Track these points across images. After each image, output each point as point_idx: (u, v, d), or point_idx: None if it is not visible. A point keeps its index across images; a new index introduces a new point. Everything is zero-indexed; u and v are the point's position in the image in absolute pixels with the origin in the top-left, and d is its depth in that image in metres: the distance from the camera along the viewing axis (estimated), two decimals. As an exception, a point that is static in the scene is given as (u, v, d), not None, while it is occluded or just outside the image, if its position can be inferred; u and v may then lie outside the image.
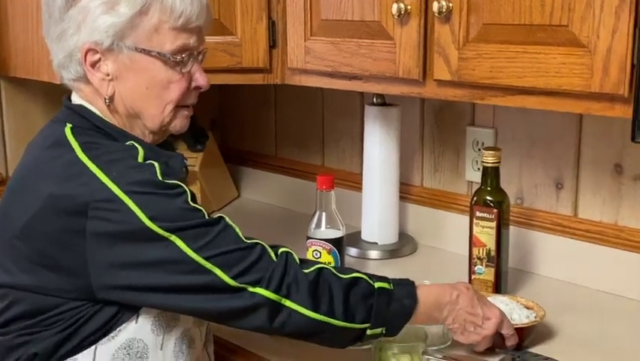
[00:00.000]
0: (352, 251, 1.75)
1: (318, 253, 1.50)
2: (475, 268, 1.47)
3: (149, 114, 1.17)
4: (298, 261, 1.12)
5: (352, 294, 1.11)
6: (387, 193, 1.77)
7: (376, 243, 1.78)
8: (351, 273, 1.14)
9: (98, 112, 1.17)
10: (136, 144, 1.12)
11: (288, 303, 1.08)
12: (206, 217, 1.09)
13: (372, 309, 1.12)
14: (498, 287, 1.46)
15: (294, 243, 1.64)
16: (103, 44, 1.11)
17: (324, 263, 1.15)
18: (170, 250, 1.05)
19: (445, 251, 1.75)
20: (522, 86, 1.21)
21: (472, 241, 1.47)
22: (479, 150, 1.66)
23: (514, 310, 1.31)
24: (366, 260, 1.74)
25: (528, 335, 1.30)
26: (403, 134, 1.77)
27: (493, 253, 1.44)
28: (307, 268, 1.11)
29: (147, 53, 1.13)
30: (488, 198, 1.45)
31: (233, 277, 1.07)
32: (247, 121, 2.23)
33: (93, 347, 1.10)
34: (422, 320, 1.18)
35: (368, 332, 1.13)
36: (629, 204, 1.49)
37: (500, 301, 1.33)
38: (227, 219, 1.12)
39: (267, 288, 1.08)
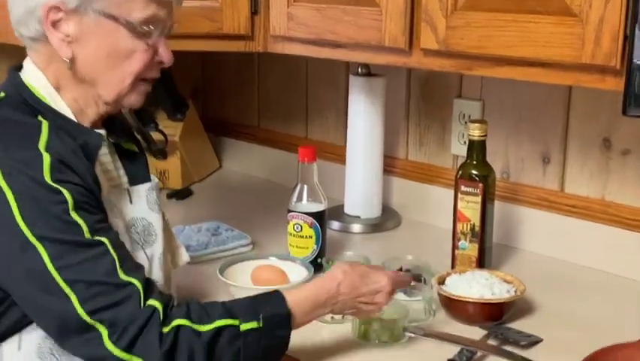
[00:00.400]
0: (335, 225, 1.73)
1: (299, 227, 1.47)
2: (459, 244, 1.44)
3: (106, 83, 1.10)
4: (162, 317, 0.99)
5: (216, 347, 1.01)
6: (371, 166, 1.74)
7: (359, 217, 1.75)
8: (215, 321, 1.02)
9: (37, 85, 1.10)
10: (43, 121, 1.04)
11: None
12: (85, 236, 0.99)
13: (240, 353, 1.02)
14: (481, 262, 1.44)
15: (275, 216, 1.64)
16: (69, 4, 1.05)
17: (184, 317, 1.01)
18: (31, 258, 0.97)
19: (429, 226, 1.73)
20: (511, 56, 1.18)
21: (456, 216, 1.44)
22: (465, 123, 1.63)
23: (495, 285, 1.30)
24: (348, 234, 1.71)
25: (508, 310, 1.28)
26: (388, 106, 1.74)
27: (477, 228, 1.42)
28: (167, 326, 0.99)
29: (114, 19, 1.07)
30: (474, 172, 1.42)
31: (88, 312, 0.97)
32: (229, 90, 2.19)
33: (17, 335, 1.05)
34: (307, 323, 1.11)
35: None
36: (616, 179, 1.47)
37: (480, 276, 1.32)
38: (108, 245, 1.01)
39: (116, 344, 0.97)
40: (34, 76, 1.10)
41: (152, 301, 1.01)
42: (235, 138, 2.18)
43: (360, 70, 1.71)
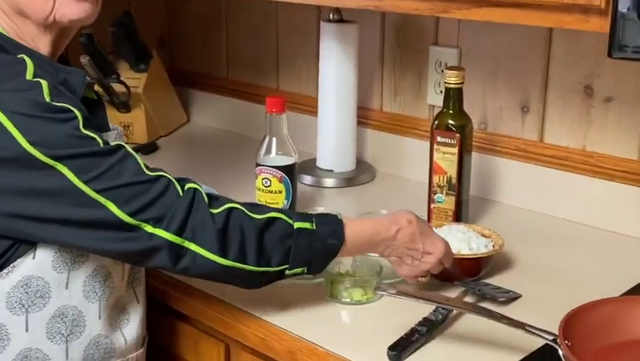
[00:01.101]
0: (307, 179, 1.68)
1: (268, 182, 1.40)
2: (435, 197, 1.39)
3: (28, 5, 1.04)
4: (207, 199, 1.02)
5: (267, 236, 1.02)
6: (343, 118, 1.69)
7: (332, 170, 1.70)
8: (268, 212, 1.04)
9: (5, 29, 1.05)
10: (26, 58, 1.00)
11: (192, 246, 0.99)
12: (101, 146, 0.98)
13: (291, 251, 1.03)
14: (458, 216, 1.39)
15: (244, 171, 1.57)
16: None
17: (237, 202, 1.04)
18: (55, 180, 0.95)
19: (404, 179, 1.68)
20: (489, -3, 1.11)
21: (432, 168, 1.39)
22: (442, 71, 1.57)
23: (472, 239, 1.25)
24: (321, 189, 1.67)
25: (485, 265, 1.23)
26: (362, 54, 1.67)
27: (454, 181, 1.37)
28: (216, 208, 1.01)
29: None
30: (450, 122, 1.36)
31: (130, 214, 0.97)
32: (196, 41, 2.11)
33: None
34: (354, 254, 1.12)
35: (287, 272, 1.05)
36: (598, 128, 1.43)
37: (457, 230, 1.27)
38: (127, 148, 1.01)
39: (167, 229, 0.98)
40: None
41: (190, 185, 1.02)
42: (203, 90, 2.11)
43: (331, 16, 1.64)
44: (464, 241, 1.24)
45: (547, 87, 1.47)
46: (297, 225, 1.04)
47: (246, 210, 1.03)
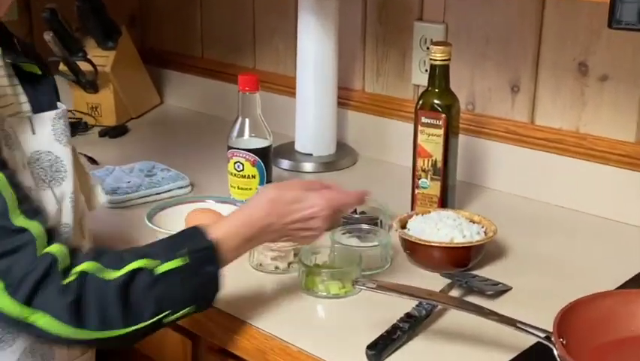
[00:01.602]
0: (284, 164, 1.60)
1: (241, 166, 1.31)
2: (420, 182, 1.31)
3: None
4: (63, 265, 0.87)
5: (131, 292, 0.88)
6: (323, 99, 1.61)
7: (311, 154, 1.63)
8: (129, 263, 0.89)
9: None
10: None
11: (40, 321, 0.86)
12: None
13: (163, 298, 0.90)
14: (444, 203, 1.31)
15: (219, 155, 1.48)
16: None
17: (92, 261, 0.89)
18: None
19: (388, 163, 1.61)
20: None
21: (416, 151, 1.31)
22: (427, 48, 1.48)
23: (463, 226, 1.17)
24: (299, 174, 1.59)
25: (477, 255, 1.15)
26: (342, 31, 1.60)
27: (439, 165, 1.29)
28: (67, 278, 0.86)
29: None
30: (436, 101, 1.28)
31: None
32: (170, 18, 2.03)
33: None
34: (237, 258, 0.99)
35: (169, 319, 0.92)
36: (593, 108, 1.35)
37: (447, 217, 1.20)
38: (3, 178, 0.87)
39: (13, 296, 0.85)
40: None
41: (51, 249, 0.87)
42: (177, 70, 2.02)
43: (310, -11, 1.55)
44: (456, 228, 1.16)
45: (538, 65, 1.40)
46: (162, 268, 0.90)
47: (100, 272, 0.88)
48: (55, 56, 1.70)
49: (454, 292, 1.09)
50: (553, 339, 0.87)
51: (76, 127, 1.76)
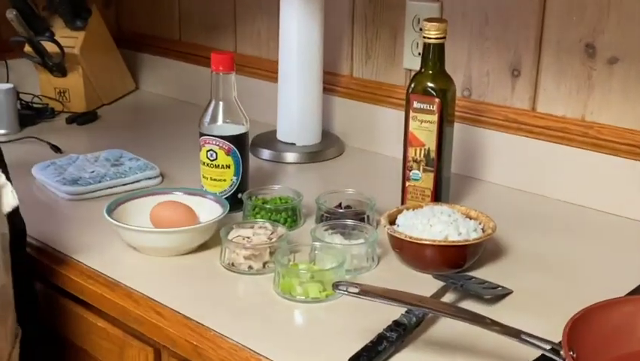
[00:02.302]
0: (265, 154, 1.52)
1: (214, 154, 1.20)
2: (411, 174, 1.22)
3: None
4: None
5: None
6: (307, 84, 1.53)
7: (294, 144, 1.54)
8: None
9: None
10: None
11: None
12: None
13: None
14: (437, 196, 1.23)
15: (194, 144, 1.39)
16: None
17: None
18: None
19: (377, 154, 1.55)
20: None
21: (407, 140, 1.22)
22: (420, 29, 1.40)
23: (459, 222, 1.08)
24: (281, 164, 1.50)
25: (474, 254, 1.06)
26: (329, 11, 1.52)
27: (432, 155, 1.20)
28: None
29: None
30: (429, 84, 1.18)
31: None
32: (146, -1, 1.97)
33: None
34: None
35: None
36: (600, 95, 1.27)
37: (441, 212, 1.11)
38: None
39: None
40: None
41: None
42: (153, 53, 1.95)
43: (293, -35, 1.46)
44: (452, 225, 1.07)
45: (541, 46, 1.32)
46: None
47: None
48: (19, 36, 1.62)
49: (449, 296, 0.99)
50: (562, 353, 0.78)
51: (42, 113, 1.67)
